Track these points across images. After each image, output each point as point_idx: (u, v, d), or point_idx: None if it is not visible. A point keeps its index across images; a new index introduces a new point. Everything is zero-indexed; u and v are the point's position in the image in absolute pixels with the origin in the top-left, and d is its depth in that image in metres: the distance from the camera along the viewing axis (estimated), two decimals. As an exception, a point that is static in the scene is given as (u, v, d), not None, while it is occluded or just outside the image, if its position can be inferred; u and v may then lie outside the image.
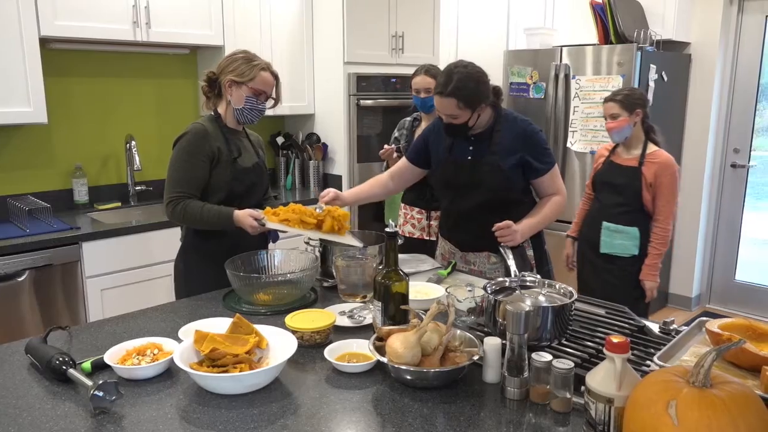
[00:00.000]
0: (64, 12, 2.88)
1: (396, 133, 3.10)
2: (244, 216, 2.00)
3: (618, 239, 2.75)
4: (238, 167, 2.13)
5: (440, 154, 2.20)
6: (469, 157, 2.12)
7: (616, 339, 1.10)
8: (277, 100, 2.20)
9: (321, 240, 2.06)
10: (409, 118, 3.07)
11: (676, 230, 4.45)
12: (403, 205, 3.07)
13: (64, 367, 1.34)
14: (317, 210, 1.98)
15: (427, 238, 2.94)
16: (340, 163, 4.01)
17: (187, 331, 1.57)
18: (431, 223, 2.93)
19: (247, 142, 2.25)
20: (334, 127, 3.98)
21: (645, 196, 2.68)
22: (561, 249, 3.06)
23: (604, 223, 2.77)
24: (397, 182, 2.34)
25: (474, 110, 1.99)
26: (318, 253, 2.07)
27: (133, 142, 3.34)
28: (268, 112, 2.19)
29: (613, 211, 2.75)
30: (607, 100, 2.76)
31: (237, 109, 2.13)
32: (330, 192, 2.11)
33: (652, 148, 2.71)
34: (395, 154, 2.93)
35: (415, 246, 2.84)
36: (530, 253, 2.19)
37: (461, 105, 1.96)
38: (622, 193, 2.73)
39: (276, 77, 2.16)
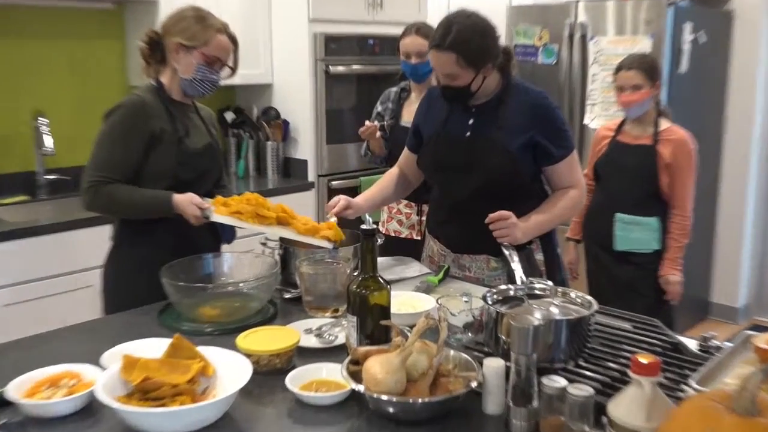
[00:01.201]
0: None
1: (379, 107, 3.09)
2: (186, 203, 1.98)
3: (635, 232, 2.82)
4: (185, 149, 2.12)
5: (432, 128, 2.19)
6: (468, 133, 2.12)
7: (644, 359, 1.12)
8: (234, 69, 2.20)
9: (281, 240, 2.05)
10: (395, 89, 3.06)
11: (718, 230, 4.52)
12: None
13: (-45, 404, 1.32)
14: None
15: (417, 237, 2.93)
16: (305, 144, 4.00)
17: (113, 356, 1.55)
18: (423, 219, 2.92)
19: (197, 119, 2.24)
20: (298, 100, 3.96)
21: (662, 178, 2.78)
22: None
23: (617, 215, 2.85)
24: (409, 174, 2.35)
25: (478, 70, 1.98)
26: (278, 257, 2.07)
27: (43, 119, 3.29)
28: (218, 83, 2.19)
29: (625, 199, 2.83)
30: (625, 67, 2.83)
31: (185, 80, 2.13)
32: (340, 200, 2.09)
33: (665, 123, 2.82)
34: (378, 133, 2.92)
35: (402, 248, 2.82)
36: (539, 257, 2.19)
37: (462, 62, 1.95)
38: (635, 177, 2.82)
39: (234, 41, 2.17)
